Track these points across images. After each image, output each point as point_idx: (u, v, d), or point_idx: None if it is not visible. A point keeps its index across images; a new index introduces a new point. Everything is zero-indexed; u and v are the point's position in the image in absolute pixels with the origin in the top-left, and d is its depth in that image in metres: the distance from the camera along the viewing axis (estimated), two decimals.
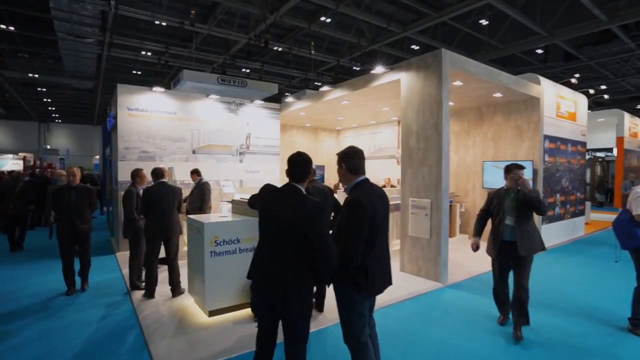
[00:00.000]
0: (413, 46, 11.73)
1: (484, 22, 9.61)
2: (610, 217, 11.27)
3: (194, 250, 3.90)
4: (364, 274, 2.04)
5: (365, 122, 10.68)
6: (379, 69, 5.57)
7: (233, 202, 4.43)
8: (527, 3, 8.61)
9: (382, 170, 10.76)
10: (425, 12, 8.99)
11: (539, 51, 12.09)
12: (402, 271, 5.42)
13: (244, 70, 13.41)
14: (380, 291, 2.15)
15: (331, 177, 12.22)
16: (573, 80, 10.76)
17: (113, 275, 5.29)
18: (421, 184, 5.11)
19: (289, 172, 2.10)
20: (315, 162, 11.98)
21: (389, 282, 2.22)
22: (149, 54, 11.79)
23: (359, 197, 2.02)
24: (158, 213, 4.15)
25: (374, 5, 9.06)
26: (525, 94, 6.65)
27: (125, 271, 5.22)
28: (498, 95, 6.64)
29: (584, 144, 8.73)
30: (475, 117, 7.88)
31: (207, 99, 7.81)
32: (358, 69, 12.37)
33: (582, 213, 8.72)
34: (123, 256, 6.12)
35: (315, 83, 15.08)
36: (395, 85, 5.79)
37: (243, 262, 3.75)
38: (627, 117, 11.58)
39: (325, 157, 12.20)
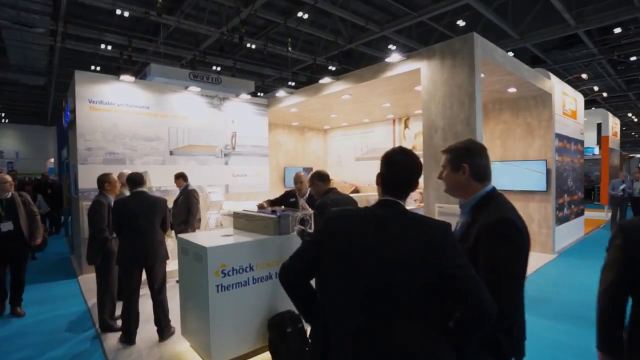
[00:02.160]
0: (390, 46, 11.31)
1: (460, 22, 9.35)
2: (597, 214, 11.35)
3: (190, 283, 2.97)
4: (509, 333, 1.31)
5: (357, 120, 10.00)
6: (395, 57, 4.87)
7: (235, 215, 3.53)
8: (500, 6, 8.56)
9: (375, 172, 10.12)
10: (405, 10, 8.65)
11: (510, 54, 12.14)
12: None
13: (214, 67, 12.41)
14: (524, 354, 1.41)
15: None
16: (584, 76, 10.73)
17: (75, 310, 4.18)
18: None
19: (386, 180, 1.30)
20: (302, 164, 11.18)
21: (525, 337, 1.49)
22: (110, 47, 10.52)
23: (510, 215, 1.29)
24: (134, 233, 3.18)
25: (350, 5, 8.59)
26: (537, 90, 6.25)
27: (93, 302, 4.17)
28: (512, 90, 6.18)
29: (582, 142, 8.58)
30: None
31: (185, 92, 6.78)
32: (334, 68, 11.93)
33: (582, 212, 8.55)
34: (88, 281, 4.99)
35: (289, 83, 14.38)
36: (411, 76, 5.14)
37: (257, 296, 2.90)
38: (610, 117, 11.78)
39: (312, 159, 11.39)
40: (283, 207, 3.60)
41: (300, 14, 8.60)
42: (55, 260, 6.72)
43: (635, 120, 18.19)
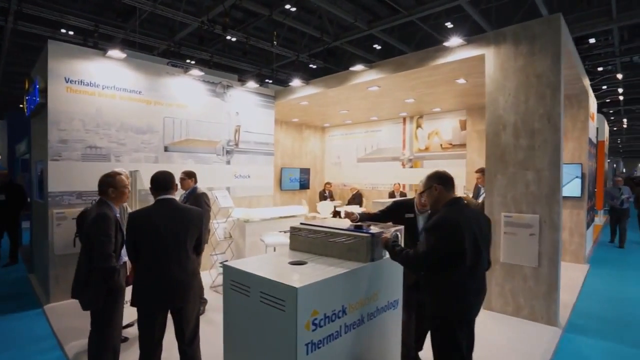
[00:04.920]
0: (375, 45, 10.81)
1: (449, 24, 8.98)
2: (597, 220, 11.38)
3: (256, 337, 2.03)
4: None
5: (364, 118, 9.28)
6: (454, 41, 4.16)
7: (294, 230, 2.61)
8: (485, 10, 8.35)
9: (384, 174, 9.47)
10: (395, 9, 8.19)
11: None
12: (488, 309, 4.08)
13: (188, 61, 11.25)
14: None
15: (315, 182, 10.61)
16: (619, 76, 10.63)
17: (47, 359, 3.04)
18: (522, 194, 3.82)
19: None
20: (300, 165, 10.29)
21: None
22: (71, 32, 9.08)
23: None
24: (159, 260, 2.20)
25: (337, 1, 8.04)
26: (578, 89, 5.84)
27: (71, 347, 3.10)
28: None
29: (596, 145, 8.42)
30: None
31: (184, 76, 5.70)
32: (315, 66, 11.29)
33: (593, 218, 8.39)
34: (60, 312, 3.82)
35: (267, 80, 13.54)
36: (465, 64, 4.49)
37: (350, 350, 2.04)
38: (606, 123, 11.89)
39: (309, 158, 10.53)
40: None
41: (288, 6, 7.94)
42: (9, 282, 5.32)
43: (626, 126, 19.05)
